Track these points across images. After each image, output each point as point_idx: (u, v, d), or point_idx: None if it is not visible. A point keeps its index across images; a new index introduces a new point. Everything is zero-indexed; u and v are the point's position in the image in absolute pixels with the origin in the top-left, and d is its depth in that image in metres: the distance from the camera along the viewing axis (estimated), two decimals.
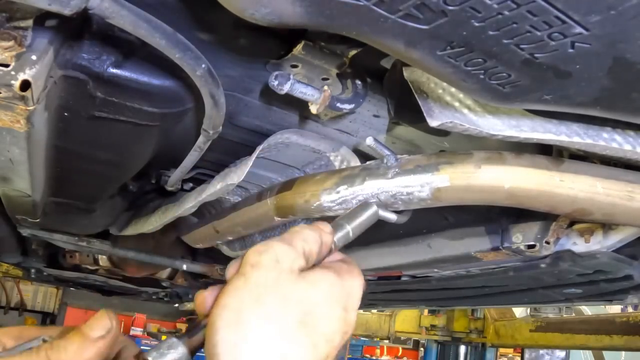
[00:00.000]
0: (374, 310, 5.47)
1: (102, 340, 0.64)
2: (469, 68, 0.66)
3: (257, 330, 0.57)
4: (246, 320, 0.57)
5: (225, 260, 1.36)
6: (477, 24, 0.58)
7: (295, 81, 0.96)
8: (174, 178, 1.45)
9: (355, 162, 1.21)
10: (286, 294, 0.59)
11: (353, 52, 0.99)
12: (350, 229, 0.78)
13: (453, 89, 0.84)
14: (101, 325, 0.64)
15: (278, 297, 0.59)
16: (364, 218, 0.83)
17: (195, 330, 0.64)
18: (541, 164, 0.88)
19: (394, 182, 0.92)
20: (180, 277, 3.46)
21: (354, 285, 0.65)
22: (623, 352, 5.64)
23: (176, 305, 5.18)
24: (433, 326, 5.36)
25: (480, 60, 0.64)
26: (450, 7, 0.57)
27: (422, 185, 0.90)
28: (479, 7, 0.56)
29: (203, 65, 0.87)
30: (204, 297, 0.64)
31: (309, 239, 0.66)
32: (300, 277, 0.61)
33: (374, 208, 0.85)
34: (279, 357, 0.56)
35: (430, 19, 0.59)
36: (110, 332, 0.65)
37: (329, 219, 0.78)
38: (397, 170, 0.93)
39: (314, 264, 0.66)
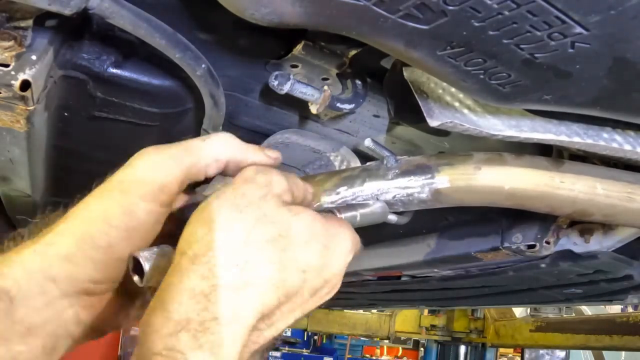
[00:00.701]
0: (374, 310, 5.46)
1: (269, 161, 0.73)
2: (469, 68, 0.66)
3: (225, 231, 0.60)
4: (217, 220, 0.60)
5: None
6: (477, 24, 0.58)
7: (295, 81, 0.96)
8: None
9: (356, 162, 1.21)
10: (266, 213, 0.62)
11: (353, 52, 0.99)
12: (358, 214, 0.83)
13: (453, 89, 0.84)
14: (274, 155, 0.74)
15: (257, 211, 0.62)
16: (373, 210, 0.87)
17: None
18: (541, 165, 0.88)
19: (394, 183, 0.92)
20: None
21: (340, 232, 0.68)
22: (623, 352, 5.64)
23: None
24: (433, 326, 5.34)
25: (480, 60, 0.64)
26: (450, 7, 0.57)
27: (422, 186, 0.90)
28: (479, 7, 0.56)
29: (203, 65, 0.87)
30: (181, 197, 0.72)
31: (299, 185, 0.72)
32: (284, 205, 0.64)
33: (386, 208, 0.89)
34: (245, 257, 0.59)
35: (430, 19, 0.59)
36: (277, 162, 0.74)
37: None
38: (397, 171, 0.93)
39: None
